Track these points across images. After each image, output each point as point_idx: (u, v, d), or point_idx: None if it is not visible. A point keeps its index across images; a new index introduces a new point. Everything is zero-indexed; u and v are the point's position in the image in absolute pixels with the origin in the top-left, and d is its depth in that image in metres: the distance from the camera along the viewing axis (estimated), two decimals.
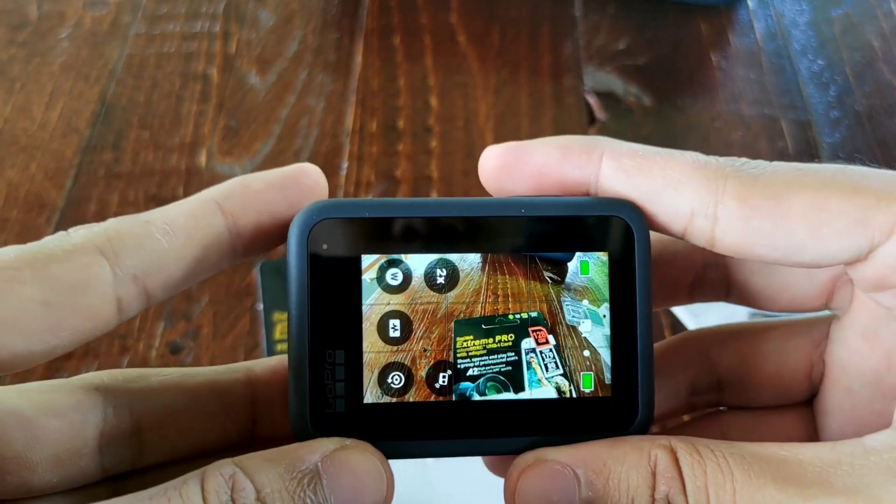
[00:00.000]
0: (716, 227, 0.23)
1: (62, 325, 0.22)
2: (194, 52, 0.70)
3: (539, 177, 0.25)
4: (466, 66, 0.70)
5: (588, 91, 0.69)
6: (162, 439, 0.26)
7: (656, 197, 0.24)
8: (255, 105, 0.67)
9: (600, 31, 0.73)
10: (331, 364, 0.24)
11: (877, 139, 0.66)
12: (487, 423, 0.24)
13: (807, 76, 0.70)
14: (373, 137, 0.65)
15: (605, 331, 0.25)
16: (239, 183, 0.25)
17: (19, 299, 0.21)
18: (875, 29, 0.74)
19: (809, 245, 0.23)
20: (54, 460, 0.24)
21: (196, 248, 0.24)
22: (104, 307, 0.22)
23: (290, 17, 0.73)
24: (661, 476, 0.23)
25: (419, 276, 0.24)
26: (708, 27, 0.74)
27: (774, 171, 0.23)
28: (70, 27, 0.72)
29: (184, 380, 0.27)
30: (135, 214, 0.23)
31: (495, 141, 0.65)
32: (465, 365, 0.24)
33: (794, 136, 0.66)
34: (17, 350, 0.21)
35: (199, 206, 0.24)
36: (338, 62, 0.70)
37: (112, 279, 0.22)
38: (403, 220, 0.24)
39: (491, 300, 0.25)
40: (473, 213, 0.25)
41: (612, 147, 0.25)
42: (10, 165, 0.63)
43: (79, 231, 0.23)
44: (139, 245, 0.23)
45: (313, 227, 0.24)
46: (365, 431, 0.24)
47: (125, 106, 0.66)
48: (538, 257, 0.25)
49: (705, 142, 0.65)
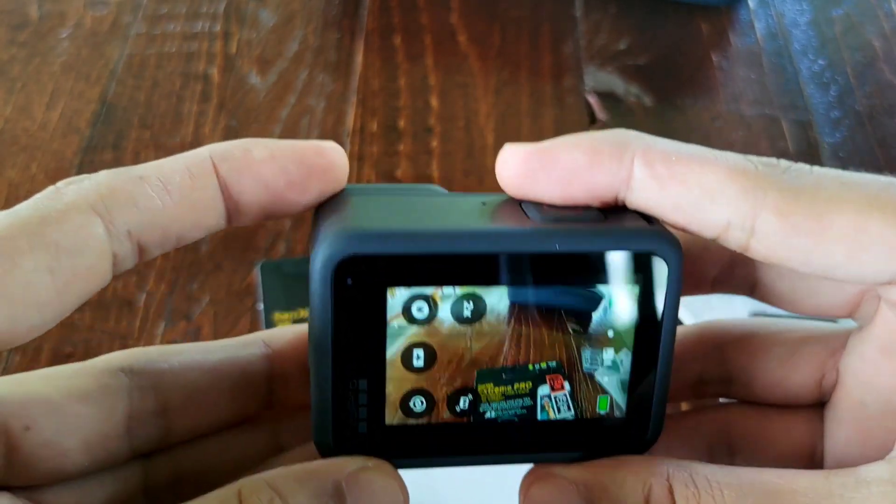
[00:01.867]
0: (751, 239, 0.23)
1: (67, 290, 0.21)
2: (195, 52, 0.70)
3: (567, 183, 0.24)
4: (467, 66, 0.70)
5: (589, 91, 0.69)
6: (186, 417, 0.26)
7: (691, 208, 0.23)
8: (255, 105, 0.67)
9: (601, 31, 0.73)
10: (354, 391, 0.24)
11: (877, 139, 0.66)
12: (504, 443, 0.25)
13: (807, 76, 0.70)
14: (373, 137, 0.65)
15: (622, 377, 0.25)
16: (241, 147, 0.24)
17: (24, 272, 0.20)
18: (876, 29, 0.74)
19: (845, 266, 0.22)
20: (85, 445, 0.24)
21: (191, 209, 0.23)
22: (102, 265, 0.22)
23: (291, 17, 0.73)
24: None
25: (446, 308, 0.23)
26: (709, 27, 0.74)
27: (818, 183, 0.22)
28: (71, 27, 0.72)
29: (204, 357, 0.27)
30: (128, 168, 0.23)
31: (496, 141, 0.65)
32: (483, 408, 0.25)
33: (795, 136, 0.66)
34: (32, 323, 0.21)
35: (195, 164, 0.23)
36: (338, 62, 0.70)
37: (107, 237, 0.22)
38: (432, 256, 0.23)
39: (513, 352, 0.24)
40: (506, 248, 0.23)
41: (643, 149, 0.23)
42: (11, 165, 0.63)
43: (70, 187, 0.22)
44: (132, 202, 0.22)
45: (338, 264, 0.22)
46: (386, 451, 0.24)
47: (126, 106, 0.66)
48: (563, 309, 0.24)
49: (706, 142, 0.65)
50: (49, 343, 0.52)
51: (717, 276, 0.28)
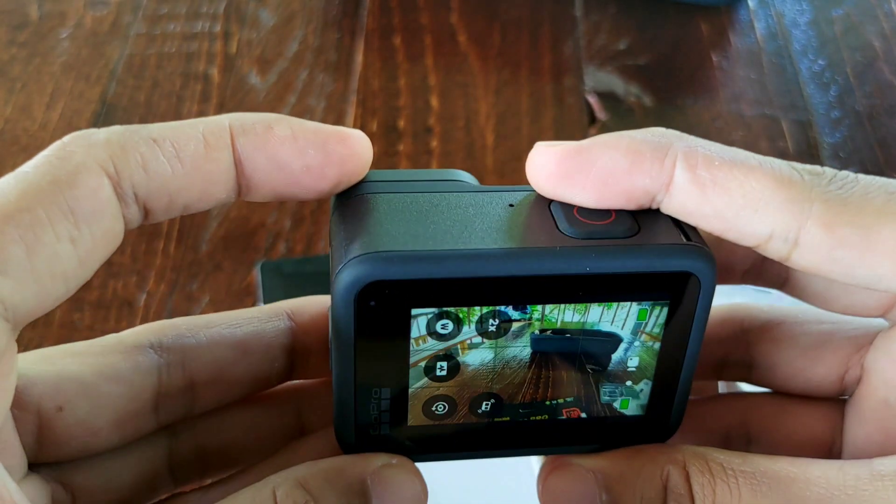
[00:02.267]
0: (794, 251, 0.22)
1: (89, 258, 0.21)
2: (195, 52, 0.70)
3: (604, 186, 0.22)
4: (467, 66, 0.70)
5: (589, 91, 0.69)
6: (212, 392, 0.26)
7: (733, 217, 0.22)
8: (255, 105, 0.67)
9: (601, 31, 0.73)
10: (376, 399, 0.24)
11: (877, 139, 0.66)
12: (523, 440, 0.25)
13: (807, 76, 0.70)
14: (373, 137, 0.65)
15: (641, 402, 0.25)
16: (263, 122, 0.22)
17: (47, 245, 0.20)
18: (876, 29, 0.74)
19: (889, 278, 0.22)
20: (115, 423, 0.24)
21: (201, 180, 0.22)
22: (116, 227, 0.21)
23: (291, 17, 0.73)
24: (671, 492, 0.23)
25: (471, 324, 0.23)
26: (708, 27, 0.74)
27: (865, 194, 0.22)
28: (71, 27, 0.72)
29: (232, 332, 0.26)
30: (143, 126, 0.22)
31: (496, 141, 0.65)
32: (504, 410, 0.25)
33: (795, 136, 0.66)
34: (58, 294, 0.21)
35: (211, 134, 0.22)
36: (338, 62, 0.70)
37: (116, 198, 0.21)
38: (455, 281, 0.22)
39: (531, 390, 0.24)
40: (534, 271, 0.22)
41: (685, 152, 0.22)
42: (11, 165, 0.62)
43: (78, 143, 0.21)
44: (143, 167, 0.21)
45: (362, 289, 0.21)
46: (406, 449, 0.24)
47: (126, 106, 0.66)
48: (584, 354, 0.24)
49: None
50: (48, 342, 0.52)
51: (749, 269, 0.27)
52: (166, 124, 0.22)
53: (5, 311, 0.19)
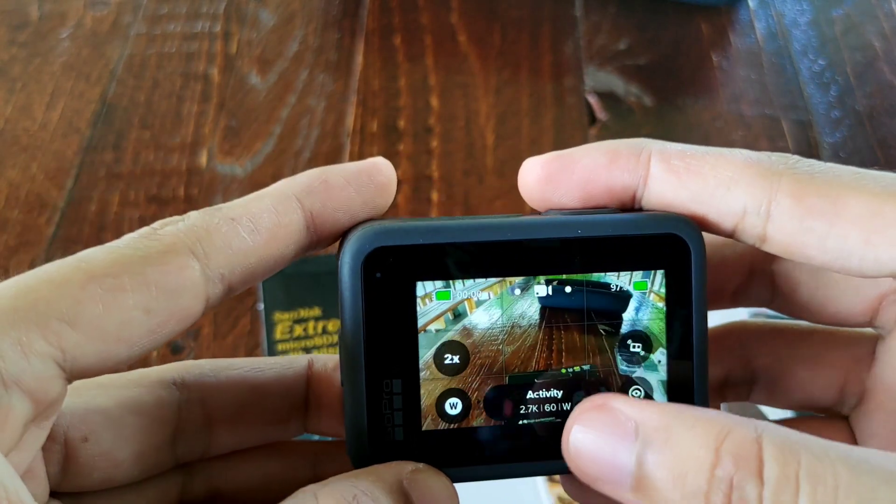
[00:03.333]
0: (768, 225, 0.23)
1: (160, 330, 0.22)
2: (195, 52, 0.70)
3: (587, 184, 0.25)
4: (467, 66, 0.70)
5: (589, 91, 0.69)
6: (231, 432, 0.27)
7: (708, 197, 0.24)
8: (255, 105, 0.67)
9: (601, 31, 0.73)
10: (388, 393, 0.24)
11: (878, 139, 0.66)
12: (544, 446, 0.25)
13: (808, 76, 0.70)
14: (373, 137, 0.65)
15: (660, 377, 0.25)
16: (318, 178, 0.24)
17: (122, 309, 0.21)
18: (876, 29, 0.74)
19: (860, 251, 0.22)
20: (137, 456, 0.25)
21: (277, 245, 0.23)
22: (195, 307, 0.22)
23: (291, 17, 0.73)
24: (726, 454, 0.19)
25: (480, 333, 0.24)
26: (709, 27, 0.74)
27: (832, 170, 0.23)
28: (71, 27, 0.72)
29: (254, 375, 0.27)
30: (217, 208, 0.23)
31: (496, 141, 0.65)
32: (519, 408, 0.24)
33: (795, 136, 0.66)
34: (120, 358, 0.21)
35: (281, 203, 0.24)
36: (339, 62, 0.70)
37: (203, 280, 0.22)
38: (458, 246, 0.24)
39: (545, 355, 0.24)
40: (529, 235, 0.24)
41: (659, 148, 0.24)
42: (12, 165, 0.63)
43: (166, 228, 0.22)
44: (227, 245, 0.22)
45: (367, 256, 0.23)
46: (424, 458, 0.24)
47: (126, 106, 0.66)
48: (593, 311, 0.24)
49: (706, 142, 0.65)
50: None
51: (736, 290, 0.28)
52: (236, 203, 0.24)
53: (64, 360, 0.20)
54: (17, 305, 0.20)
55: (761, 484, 0.19)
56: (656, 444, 0.20)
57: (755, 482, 0.19)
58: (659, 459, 0.20)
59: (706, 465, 0.19)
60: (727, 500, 0.19)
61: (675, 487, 0.20)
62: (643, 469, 0.20)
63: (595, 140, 0.65)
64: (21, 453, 0.21)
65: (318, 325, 0.54)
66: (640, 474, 0.20)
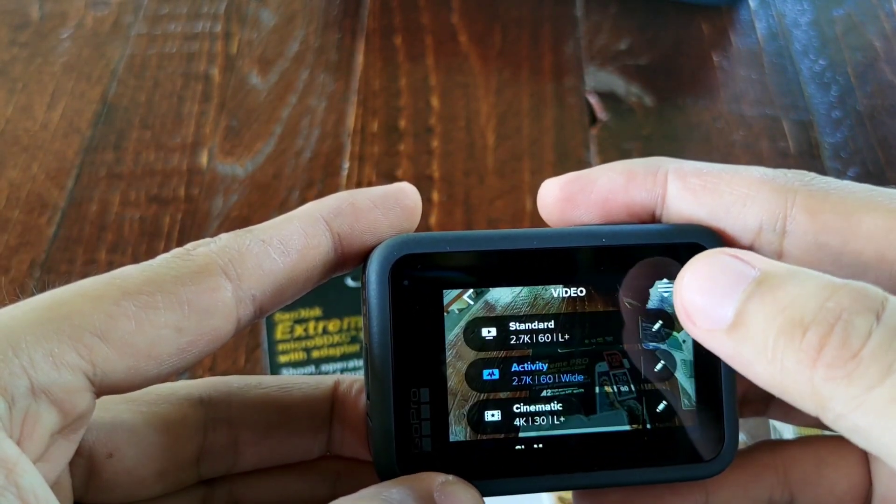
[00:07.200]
0: (784, 241, 0.23)
1: (190, 349, 0.22)
2: (196, 52, 0.70)
3: (605, 203, 0.25)
4: (468, 66, 0.70)
5: (589, 91, 0.69)
6: (256, 451, 0.27)
7: (724, 214, 0.24)
8: (256, 105, 0.67)
9: (602, 31, 0.73)
10: (416, 403, 0.24)
11: (878, 139, 0.66)
12: (572, 459, 0.24)
13: (808, 76, 0.70)
14: (374, 138, 0.65)
15: (685, 356, 0.25)
16: (346, 200, 0.25)
17: (154, 327, 0.21)
18: (877, 29, 0.74)
19: (875, 268, 0.22)
20: (160, 473, 0.25)
21: (307, 267, 0.24)
22: (226, 328, 0.22)
23: (292, 17, 0.73)
24: (845, 290, 0.18)
25: (503, 308, 0.24)
26: (709, 27, 0.74)
27: (846, 187, 0.23)
28: (72, 27, 0.72)
29: (281, 394, 0.27)
30: (248, 230, 0.23)
31: (496, 141, 0.65)
32: (539, 388, 0.24)
33: (796, 136, 0.66)
34: (149, 376, 0.21)
35: (310, 225, 0.24)
36: (339, 62, 0.70)
37: (234, 301, 0.22)
38: (484, 254, 0.24)
39: (568, 325, 0.24)
40: (555, 244, 0.24)
41: (676, 167, 0.25)
42: (12, 165, 0.63)
43: (199, 249, 0.23)
44: (259, 266, 0.23)
45: (394, 263, 0.23)
46: (452, 470, 0.24)
47: (127, 106, 0.67)
48: (619, 282, 0.24)
49: (707, 142, 0.65)
50: None
51: None
52: (266, 225, 0.24)
53: (94, 374, 0.20)
54: (51, 317, 0.20)
55: (876, 320, 0.18)
56: (772, 283, 0.19)
57: (869, 316, 0.18)
58: (768, 297, 0.19)
59: (818, 298, 0.18)
60: (829, 329, 0.18)
61: (774, 318, 0.19)
62: (746, 305, 0.19)
63: (595, 140, 0.65)
64: (50, 465, 0.21)
65: (318, 326, 0.54)
66: (742, 309, 0.20)
